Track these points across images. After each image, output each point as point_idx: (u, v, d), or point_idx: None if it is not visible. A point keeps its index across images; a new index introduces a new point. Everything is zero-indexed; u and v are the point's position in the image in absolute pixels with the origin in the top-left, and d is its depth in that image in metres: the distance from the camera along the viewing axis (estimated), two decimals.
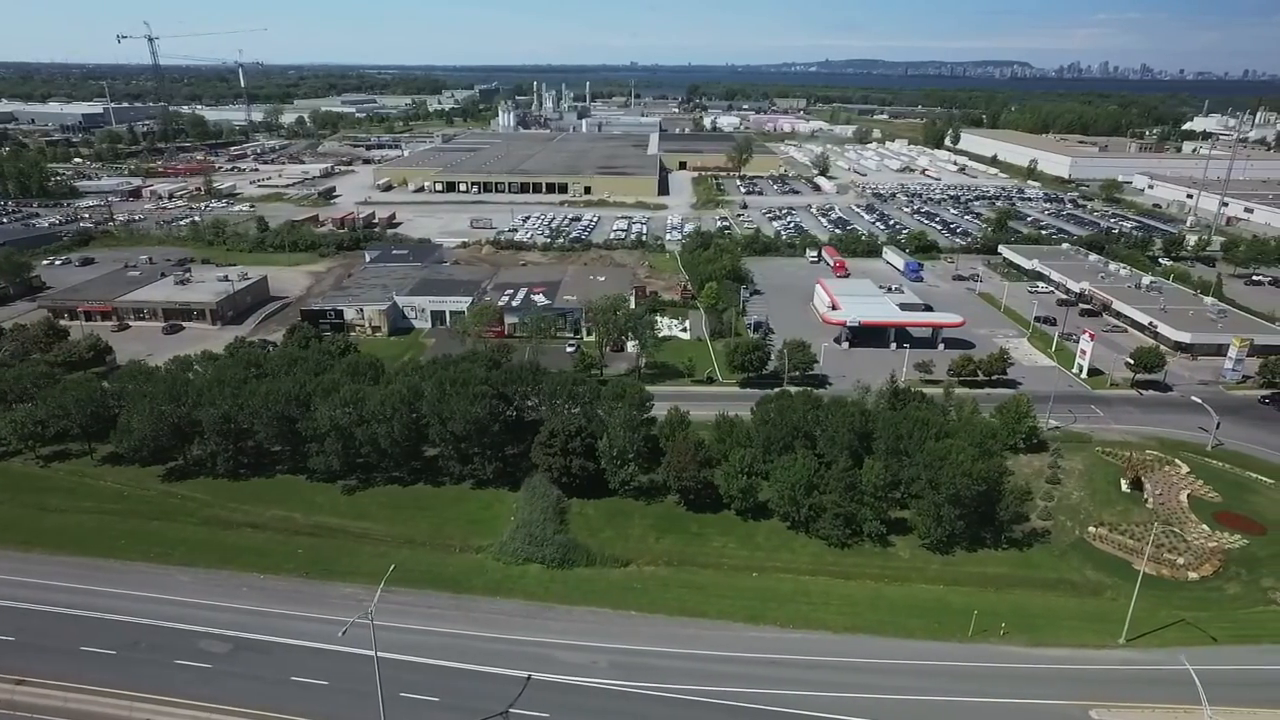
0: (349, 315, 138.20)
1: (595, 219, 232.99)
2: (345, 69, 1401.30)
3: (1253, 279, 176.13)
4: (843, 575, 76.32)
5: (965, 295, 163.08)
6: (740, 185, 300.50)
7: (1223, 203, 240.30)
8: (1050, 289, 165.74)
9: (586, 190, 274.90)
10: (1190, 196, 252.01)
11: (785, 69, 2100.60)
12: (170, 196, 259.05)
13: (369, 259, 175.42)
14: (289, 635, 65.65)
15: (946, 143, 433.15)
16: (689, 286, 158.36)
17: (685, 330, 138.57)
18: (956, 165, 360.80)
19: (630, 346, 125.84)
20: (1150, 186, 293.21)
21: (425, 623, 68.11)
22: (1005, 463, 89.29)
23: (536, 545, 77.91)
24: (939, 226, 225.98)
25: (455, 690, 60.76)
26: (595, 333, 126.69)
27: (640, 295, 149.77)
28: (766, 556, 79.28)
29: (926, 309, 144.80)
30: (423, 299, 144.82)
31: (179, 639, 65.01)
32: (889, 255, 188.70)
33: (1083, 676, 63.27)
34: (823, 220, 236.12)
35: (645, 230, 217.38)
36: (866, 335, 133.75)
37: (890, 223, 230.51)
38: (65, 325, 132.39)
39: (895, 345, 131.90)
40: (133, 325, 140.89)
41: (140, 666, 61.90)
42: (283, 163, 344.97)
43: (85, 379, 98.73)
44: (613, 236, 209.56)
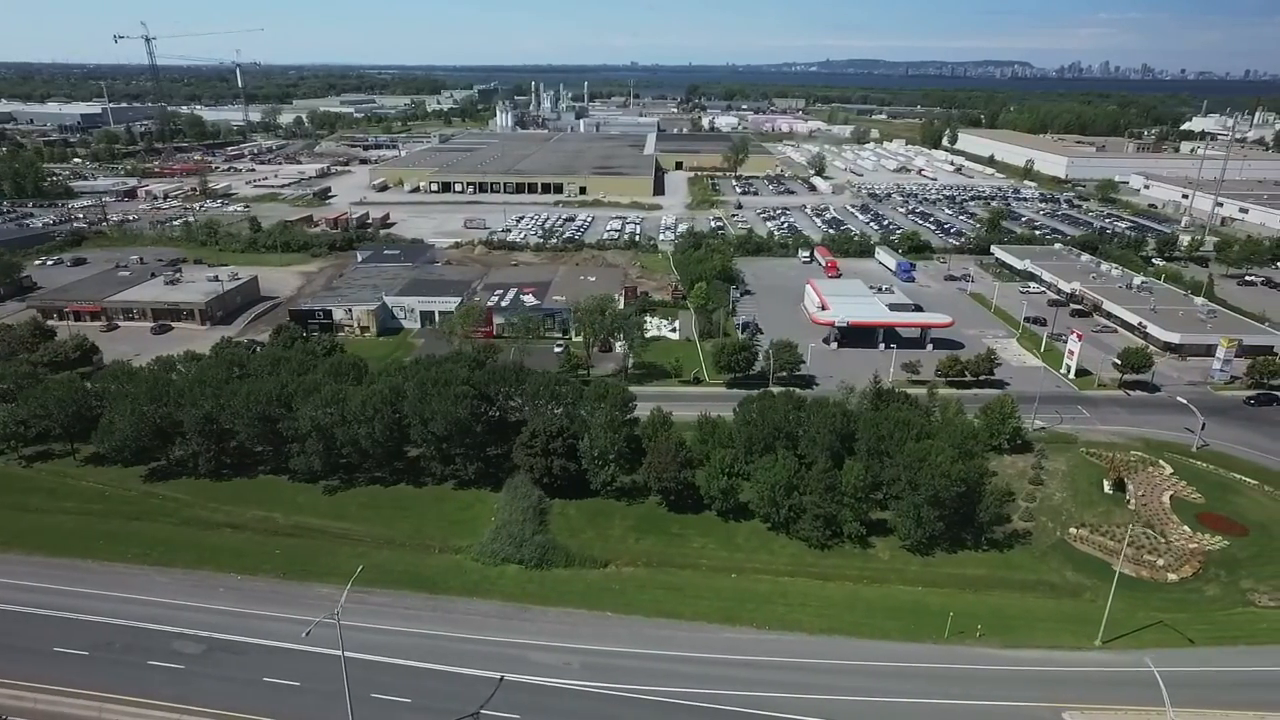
0: (338, 315, 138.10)
1: (589, 219, 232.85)
2: (345, 69, 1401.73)
3: (1245, 279, 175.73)
4: (821, 576, 76.06)
5: (956, 295, 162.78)
6: (736, 185, 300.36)
7: (1217, 203, 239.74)
8: (1041, 289, 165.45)
9: (582, 190, 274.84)
10: (1186, 197, 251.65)
11: (786, 69, 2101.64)
12: (165, 197, 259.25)
13: (360, 259, 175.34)
14: (263, 636, 65.53)
15: (944, 143, 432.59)
16: (679, 287, 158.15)
17: (675, 331, 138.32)
18: (953, 165, 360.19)
19: (618, 347, 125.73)
20: (1146, 187, 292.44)
21: (400, 623, 68.03)
22: (989, 463, 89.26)
23: (515, 546, 77.76)
24: (933, 227, 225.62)
25: (427, 691, 60.65)
26: (583, 333, 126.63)
27: (630, 295, 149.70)
28: (746, 558, 79.09)
29: (916, 309, 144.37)
30: (412, 299, 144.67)
31: (153, 640, 64.92)
32: (881, 255, 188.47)
33: (1056, 678, 63.03)
34: (817, 220, 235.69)
35: (639, 230, 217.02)
36: (855, 335, 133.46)
37: (884, 223, 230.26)
38: (53, 326, 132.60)
39: (884, 345, 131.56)
40: (122, 325, 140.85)
41: (112, 667, 61.82)
42: (279, 163, 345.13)
43: (69, 379, 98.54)
44: (606, 237, 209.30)
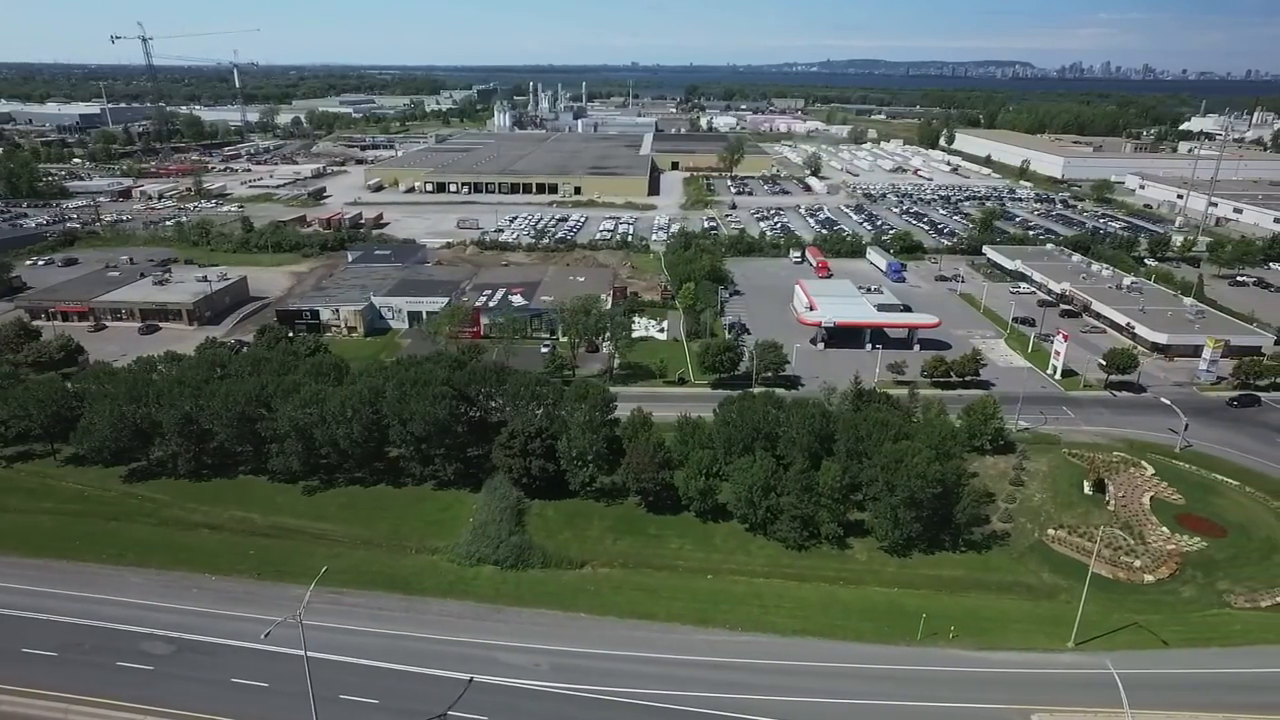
0: (325, 316, 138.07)
1: (583, 219, 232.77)
2: (345, 69, 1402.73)
3: (1237, 280, 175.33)
4: (797, 578, 75.85)
5: (946, 296, 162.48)
6: (731, 185, 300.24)
7: (1210, 203, 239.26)
8: (1031, 289, 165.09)
9: (576, 190, 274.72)
10: (1181, 197, 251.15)
11: (786, 69, 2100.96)
12: (160, 197, 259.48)
13: (351, 259, 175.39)
14: (234, 637, 65.32)
15: (941, 143, 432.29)
16: (669, 287, 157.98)
17: (663, 331, 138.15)
18: (949, 165, 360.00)
19: (605, 347, 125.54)
20: (1142, 187, 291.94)
21: (372, 624, 67.89)
22: (970, 465, 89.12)
23: (491, 547, 77.65)
24: (926, 227, 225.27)
25: (396, 692, 60.52)
26: (569, 333, 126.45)
27: (619, 296, 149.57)
28: (723, 559, 78.89)
29: (905, 310, 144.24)
30: (400, 299, 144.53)
31: (122, 640, 64.78)
32: (872, 255, 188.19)
33: (1026, 680, 62.80)
34: (810, 220, 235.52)
35: (631, 230, 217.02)
36: (842, 336, 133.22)
37: (878, 223, 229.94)
38: (39, 326, 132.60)
39: (871, 346, 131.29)
40: (109, 326, 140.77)
41: (80, 668, 61.68)
42: (275, 163, 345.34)
43: (49, 380, 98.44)
44: (598, 237, 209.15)
